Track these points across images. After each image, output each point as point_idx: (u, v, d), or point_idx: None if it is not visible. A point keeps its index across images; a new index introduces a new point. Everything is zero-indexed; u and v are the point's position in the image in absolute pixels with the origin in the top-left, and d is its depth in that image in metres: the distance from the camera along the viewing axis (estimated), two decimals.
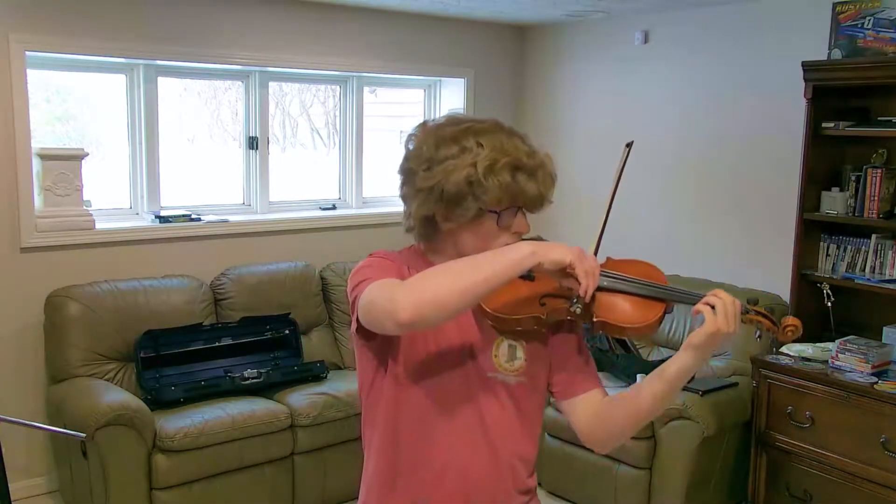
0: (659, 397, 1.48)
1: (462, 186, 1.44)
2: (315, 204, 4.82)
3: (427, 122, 1.56)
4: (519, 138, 1.51)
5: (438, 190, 1.45)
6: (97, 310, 3.68)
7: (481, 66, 5.18)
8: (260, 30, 4.28)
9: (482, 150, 1.45)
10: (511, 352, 1.55)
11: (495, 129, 1.50)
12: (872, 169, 3.52)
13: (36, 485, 3.83)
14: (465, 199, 1.45)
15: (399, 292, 1.35)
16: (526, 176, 1.47)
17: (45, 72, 3.92)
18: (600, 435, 1.58)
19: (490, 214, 1.47)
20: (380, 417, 1.56)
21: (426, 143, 1.49)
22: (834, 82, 3.56)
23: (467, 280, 1.33)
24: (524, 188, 1.46)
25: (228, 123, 4.64)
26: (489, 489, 1.55)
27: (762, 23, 4.12)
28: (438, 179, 1.45)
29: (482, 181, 1.43)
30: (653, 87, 4.65)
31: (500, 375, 1.54)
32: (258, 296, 4.12)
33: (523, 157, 1.47)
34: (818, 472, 3.39)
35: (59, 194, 3.78)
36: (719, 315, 1.42)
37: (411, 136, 1.54)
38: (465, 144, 1.46)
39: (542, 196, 1.50)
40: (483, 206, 1.45)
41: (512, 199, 1.47)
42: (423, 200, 1.49)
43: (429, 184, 1.46)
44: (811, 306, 3.70)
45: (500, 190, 1.44)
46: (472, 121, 1.52)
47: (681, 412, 3.41)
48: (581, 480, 3.78)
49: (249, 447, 3.49)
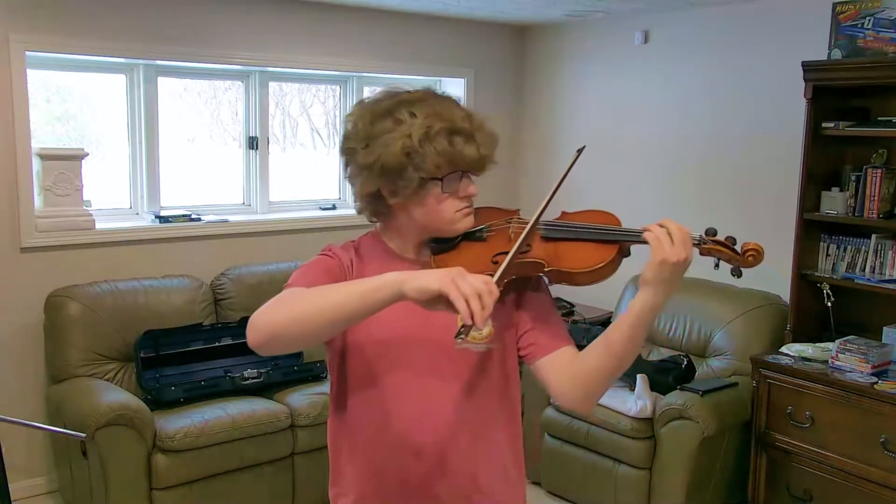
0: (628, 338, 1.43)
1: (400, 158, 1.44)
2: (315, 204, 4.82)
3: (364, 99, 1.57)
4: (453, 103, 1.51)
5: (379, 165, 1.46)
6: (97, 310, 3.68)
7: (481, 66, 5.18)
8: (260, 30, 4.28)
9: (416, 119, 1.45)
10: None
11: (427, 96, 1.51)
12: (872, 169, 3.51)
13: (36, 485, 3.83)
14: (406, 169, 1.45)
15: (259, 314, 1.36)
16: (463, 139, 1.47)
17: (45, 72, 3.92)
18: (577, 392, 1.51)
19: (433, 182, 1.47)
20: (349, 406, 1.56)
21: (362, 121, 1.50)
22: (834, 82, 3.56)
23: (319, 305, 1.33)
24: (462, 151, 1.46)
25: (228, 123, 4.64)
26: (469, 463, 1.54)
27: (762, 23, 4.12)
28: (378, 154, 1.46)
29: (419, 149, 1.44)
30: (653, 87, 4.65)
31: (470, 345, 1.52)
32: (258, 296, 4.11)
33: (458, 121, 1.47)
34: (818, 472, 3.39)
35: (59, 194, 3.78)
36: (664, 242, 1.37)
37: (348, 115, 1.55)
38: (398, 116, 1.46)
39: (482, 157, 1.49)
40: (424, 175, 1.46)
41: (452, 164, 1.47)
42: (366, 178, 1.50)
43: (369, 160, 1.47)
44: (811, 306, 3.70)
45: (437, 156, 1.44)
46: (406, 92, 1.52)
47: (681, 412, 3.41)
48: (581, 480, 3.78)
49: (249, 447, 3.49)
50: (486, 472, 1.56)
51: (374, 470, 1.56)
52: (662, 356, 4.02)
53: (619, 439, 3.58)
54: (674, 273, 1.38)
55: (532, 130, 5.35)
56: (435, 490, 1.53)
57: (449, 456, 1.52)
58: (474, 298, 1.24)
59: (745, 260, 1.44)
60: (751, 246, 1.44)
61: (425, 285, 1.27)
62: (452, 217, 1.52)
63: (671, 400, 3.48)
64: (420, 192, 1.48)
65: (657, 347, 4.21)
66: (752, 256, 1.44)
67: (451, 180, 1.49)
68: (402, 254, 1.58)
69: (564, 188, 1.53)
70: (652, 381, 3.67)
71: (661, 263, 1.37)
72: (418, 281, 1.28)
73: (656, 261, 1.38)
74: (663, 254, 1.37)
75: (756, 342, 3.81)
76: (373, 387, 1.53)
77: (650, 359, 4.05)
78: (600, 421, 3.64)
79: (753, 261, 1.44)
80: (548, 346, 1.54)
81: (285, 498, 3.64)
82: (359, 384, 1.55)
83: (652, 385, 3.66)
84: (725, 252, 1.44)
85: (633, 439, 3.54)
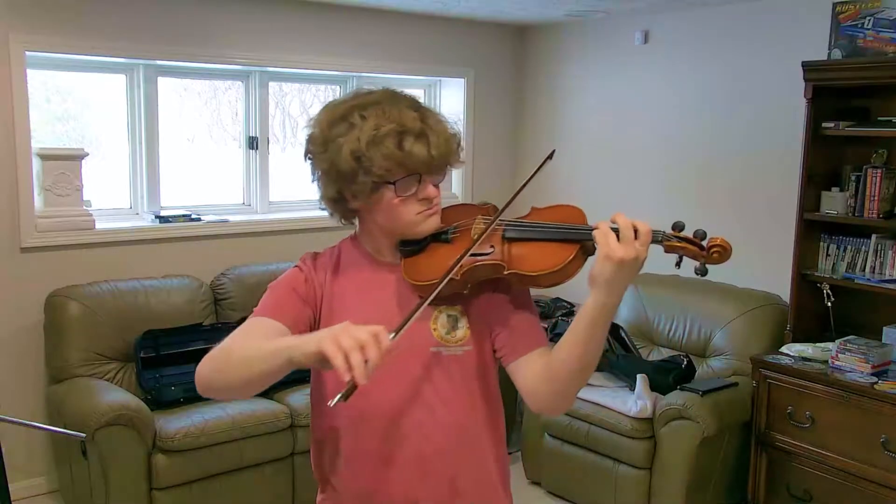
0: (589, 338, 1.38)
1: (350, 163, 1.43)
2: (315, 204, 4.72)
3: (329, 102, 1.55)
4: (409, 103, 1.48)
5: (334, 171, 1.45)
6: (97, 310, 3.68)
7: (481, 66, 5.18)
8: (260, 30, 4.28)
9: (366, 122, 1.43)
10: (451, 322, 1.51)
11: (382, 99, 1.47)
12: (872, 169, 3.51)
13: (36, 485, 3.83)
14: (357, 174, 1.43)
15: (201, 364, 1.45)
16: (413, 139, 1.43)
17: (45, 72, 3.92)
18: (542, 393, 1.47)
19: (387, 186, 1.45)
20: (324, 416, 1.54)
21: (320, 126, 1.49)
22: (834, 82, 3.56)
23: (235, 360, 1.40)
24: (412, 152, 1.42)
25: (228, 123, 4.64)
26: (450, 467, 1.51)
27: (762, 23, 4.12)
28: (332, 159, 1.45)
29: (366, 153, 1.42)
30: (653, 87, 4.65)
31: (444, 349, 1.49)
32: (258, 296, 4.06)
33: (408, 122, 1.43)
34: (818, 472, 3.39)
35: (59, 194, 3.78)
36: (609, 239, 1.31)
37: (310, 120, 1.54)
38: (351, 120, 1.45)
39: (433, 158, 1.44)
40: (376, 179, 1.43)
41: (402, 167, 1.43)
42: (325, 182, 1.50)
43: (325, 165, 1.47)
44: (811, 306, 3.70)
45: (385, 159, 1.42)
46: (362, 95, 1.50)
47: (681, 412, 3.41)
48: (581, 480, 3.77)
49: (249, 447, 3.49)
50: (466, 476, 1.54)
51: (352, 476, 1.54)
52: (662, 356, 4.02)
53: (619, 439, 3.58)
54: (619, 271, 1.31)
55: (532, 130, 5.35)
56: (415, 495, 1.51)
57: (428, 460, 1.50)
58: (354, 352, 1.18)
59: (710, 257, 1.35)
60: (716, 242, 1.35)
61: (307, 349, 1.25)
62: (413, 220, 1.49)
63: (671, 400, 3.48)
64: (374, 195, 1.46)
65: (657, 347, 4.21)
66: (718, 253, 1.34)
67: (405, 183, 1.45)
68: (378, 257, 1.57)
69: (565, 189, 1.54)
70: (652, 381, 3.67)
71: (604, 261, 1.31)
72: (301, 348, 1.26)
73: (600, 258, 1.33)
74: (606, 250, 1.31)
75: (756, 342, 3.81)
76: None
77: (650, 359, 4.05)
78: (600, 421, 3.64)
79: (718, 258, 1.35)
80: (522, 348, 1.50)
81: (285, 498, 3.64)
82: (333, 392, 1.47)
83: (652, 385, 3.66)
84: (689, 248, 1.36)
85: (633, 439, 3.54)
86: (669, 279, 4.27)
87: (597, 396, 3.68)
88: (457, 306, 1.51)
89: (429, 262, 1.48)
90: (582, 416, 3.71)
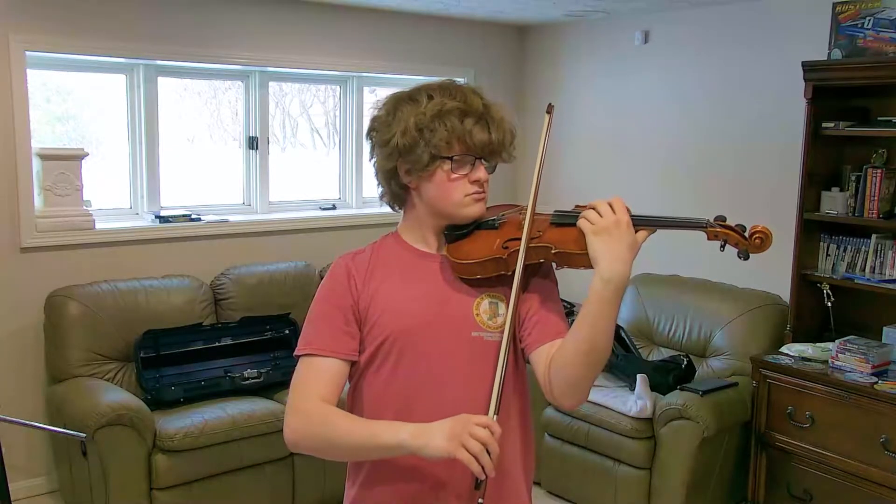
0: (590, 320, 1.43)
1: (413, 133, 1.49)
2: (315, 204, 4.82)
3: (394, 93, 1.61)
4: (474, 91, 1.56)
5: (395, 142, 1.51)
6: (97, 310, 3.68)
7: (481, 65, 5.18)
8: (260, 30, 4.28)
9: (433, 100, 1.52)
10: (493, 308, 1.55)
11: (448, 84, 1.56)
12: (872, 169, 3.51)
13: (36, 485, 3.83)
14: (417, 145, 1.49)
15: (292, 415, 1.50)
16: (473, 121, 1.51)
17: (45, 72, 3.92)
18: (557, 381, 1.49)
19: (443, 160, 1.51)
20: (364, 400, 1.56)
21: (387, 107, 1.57)
22: (834, 82, 3.56)
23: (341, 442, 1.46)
24: (472, 132, 1.50)
25: (228, 123, 4.64)
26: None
27: (762, 23, 4.12)
28: (394, 131, 1.51)
29: (430, 125, 1.49)
30: (653, 87, 4.65)
31: (486, 334, 1.53)
32: (258, 296, 4.12)
33: (473, 104, 1.52)
34: (818, 472, 3.39)
35: (59, 194, 3.78)
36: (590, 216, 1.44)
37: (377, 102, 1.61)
38: (417, 98, 1.53)
39: (491, 142, 1.53)
40: (434, 152, 1.49)
41: (461, 144, 1.51)
42: (385, 155, 1.55)
43: (387, 137, 1.53)
44: (811, 306, 3.70)
45: (447, 132, 1.49)
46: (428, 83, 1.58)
47: (681, 412, 3.41)
48: (581, 480, 3.78)
49: (249, 447, 3.49)
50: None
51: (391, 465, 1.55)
52: (662, 356, 4.02)
53: (619, 439, 3.58)
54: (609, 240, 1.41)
55: (532, 131, 5.33)
56: (440, 477, 1.52)
57: None
58: (483, 455, 1.33)
59: (752, 243, 1.42)
60: (758, 228, 1.42)
61: (432, 452, 1.37)
62: (462, 200, 1.54)
63: (671, 400, 3.48)
64: (430, 168, 1.51)
65: (657, 347, 4.21)
66: (760, 239, 1.42)
67: (460, 162, 1.52)
68: (420, 247, 1.60)
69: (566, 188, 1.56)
70: (652, 381, 3.67)
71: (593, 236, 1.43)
72: (425, 450, 1.38)
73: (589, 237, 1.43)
74: (590, 227, 1.43)
75: (756, 342, 3.81)
76: (390, 378, 1.53)
77: (650, 359, 4.05)
78: (600, 421, 3.64)
79: (761, 244, 1.42)
80: (546, 336, 1.53)
81: (285, 498, 3.64)
82: (375, 376, 1.55)
83: (652, 385, 3.66)
84: (732, 235, 1.44)
85: (633, 439, 3.54)
86: (669, 279, 4.28)
87: (597, 396, 3.68)
88: (498, 293, 1.55)
89: (473, 245, 1.53)
90: (582, 416, 3.71)
